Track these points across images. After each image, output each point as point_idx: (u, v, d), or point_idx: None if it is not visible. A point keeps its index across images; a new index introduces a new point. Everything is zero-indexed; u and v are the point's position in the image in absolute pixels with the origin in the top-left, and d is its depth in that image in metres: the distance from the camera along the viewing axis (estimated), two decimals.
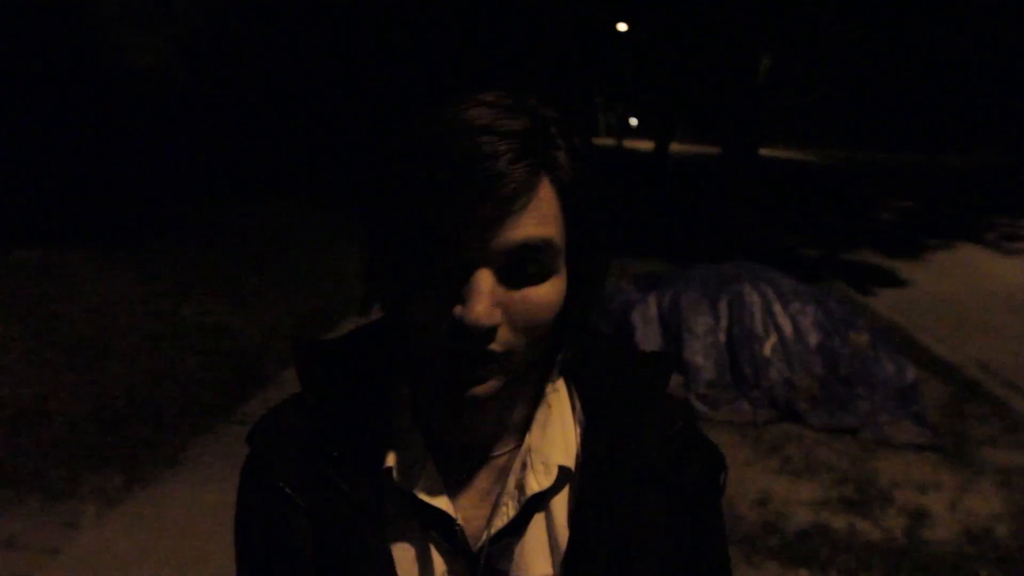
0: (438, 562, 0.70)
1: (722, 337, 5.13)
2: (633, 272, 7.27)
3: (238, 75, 8.76)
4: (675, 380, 4.95)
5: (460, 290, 0.60)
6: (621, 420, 0.73)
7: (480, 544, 0.70)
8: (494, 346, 0.61)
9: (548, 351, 0.71)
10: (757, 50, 11.56)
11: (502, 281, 0.61)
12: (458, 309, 0.59)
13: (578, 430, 0.74)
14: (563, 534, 0.71)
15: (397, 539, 0.70)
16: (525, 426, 0.72)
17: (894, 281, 9.73)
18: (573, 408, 0.75)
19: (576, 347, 0.74)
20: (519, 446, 0.72)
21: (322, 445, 0.70)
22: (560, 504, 0.72)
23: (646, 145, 26.87)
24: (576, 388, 0.75)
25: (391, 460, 0.70)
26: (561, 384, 0.75)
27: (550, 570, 0.71)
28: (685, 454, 0.75)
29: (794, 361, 5.01)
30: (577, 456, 0.72)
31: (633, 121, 48.83)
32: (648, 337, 5.31)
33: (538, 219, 0.60)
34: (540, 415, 0.72)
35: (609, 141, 38.02)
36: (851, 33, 12.10)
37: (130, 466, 3.73)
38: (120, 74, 6.90)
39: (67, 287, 5.88)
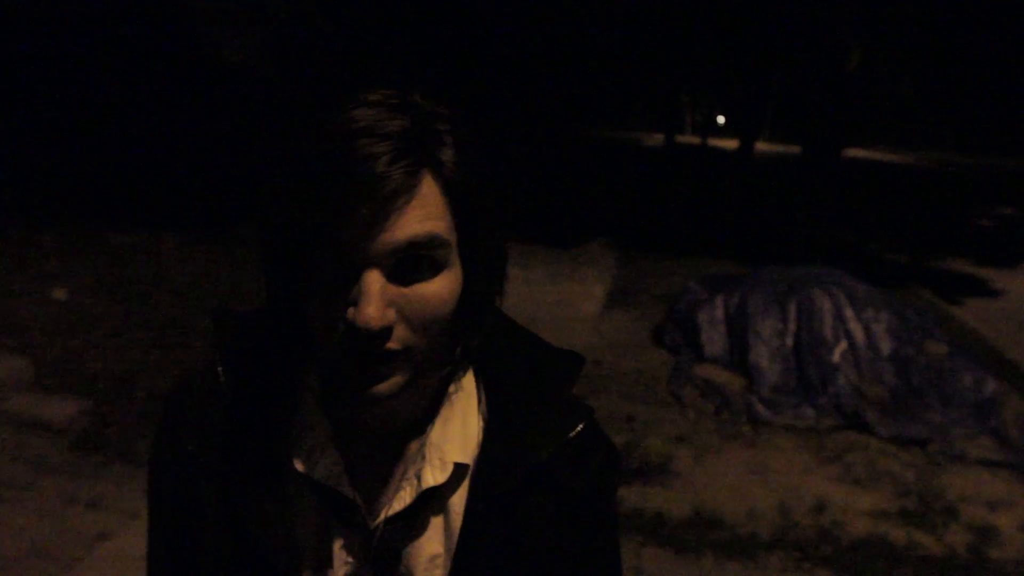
0: (337, 538, 0.73)
1: (789, 341, 5.05)
2: (703, 272, 7.18)
3: (322, 71, 9.08)
4: (739, 382, 4.90)
5: (351, 292, 0.60)
6: (521, 420, 0.73)
7: (377, 523, 0.72)
8: (391, 344, 0.62)
9: (453, 344, 0.71)
10: (846, 40, 11.12)
11: (393, 280, 0.61)
12: (350, 312, 0.60)
13: (480, 427, 0.74)
14: (458, 523, 0.73)
15: (297, 514, 0.73)
16: (429, 418, 0.73)
17: (986, 291, 9.28)
18: (479, 404, 0.75)
19: (476, 338, 0.72)
20: (422, 435, 0.73)
21: (231, 417, 0.72)
22: (458, 499, 0.73)
23: (732, 143, 26.30)
24: (483, 384, 0.76)
25: (295, 443, 0.72)
26: (469, 379, 0.76)
27: (442, 552, 0.73)
28: (582, 456, 0.75)
29: (864, 368, 4.88)
30: (476, 454, 0.73)
31: (720, 119, 47.81)
32: (713, 339, 5.27)
33: (422, 216, 0.60)
34: (443, 410, 0.73)
35: (694, 139, 37.37)
36: (949, 24, 11.53)
37: None
38: (214, 70, 7.27)
39: (157, 270, 6.24)
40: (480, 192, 0.66)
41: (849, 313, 5.14)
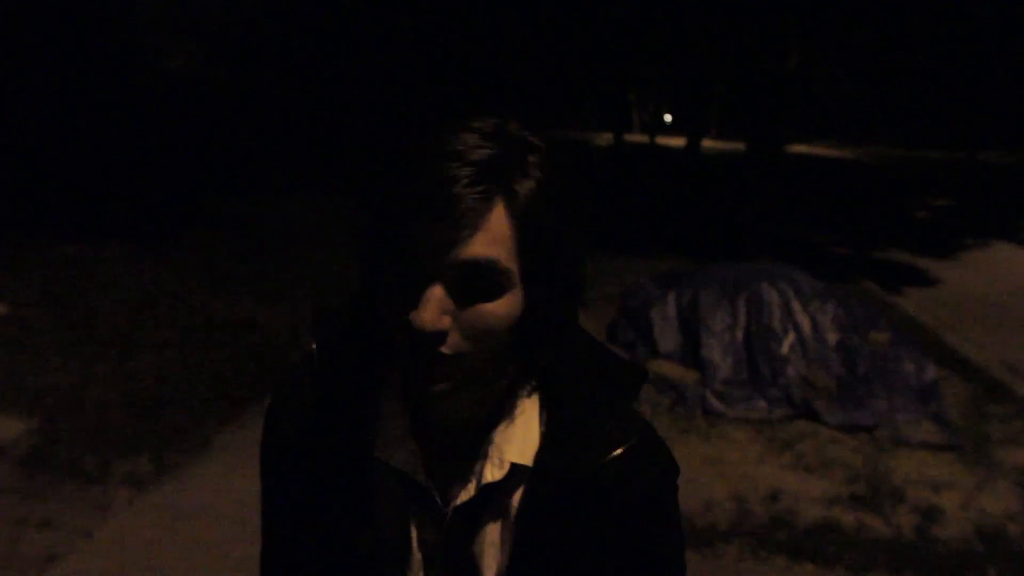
0: (414, 523, 0.81)
1: (739, 335, 5.16)
2: (654, 270, 7.30)
3: (267, 76, 8.97)
4: (692, 376, 5.00)
5: (416, 299, 0.67)
6: (577, 429, 0.78)
7: (447, 511, 0.80)
8: (444, 349, 0.68)
9: (516, 357, 0.76)
10: (786, 41, 11.41)
11: (453, 294, 0.67)
12: (413, 314, 0.66)
13: (541, 433, 0.79)
14: (515, 525, 0.79)
15: (380, 500, 0.81)
16: (495, 419, 0.78)
17: (924, 280, 9.62)
18: (541, 412, 0.80)
19: (543, 359, 0.77)
20: (488, 436, 0.78)
21: (322, 404, 0.81)
22: (516, 498, 0.79)
23: (680, 142, 26.68)
24: (547, 393, 0.81)
25: (379, 432, 0.79)
26: (535, 387, 0.81)
27: (500, 551, 0.80)
28: (637, 467, 0.79)
29: (812, 359, 5.02)
30: (536, 457, 0.78)
31: (668, 117, 48.42)
32: (666, 334, 5.36)
33: (486, 241, 0.65)
34: (506, 414, 0.78)
35: (643, 138, 37.76)
36: (885, 24, 11.90)
37: (160, 453, 3.88)
38: (153, 75, 7.12)
39: (103, 281, 6.09)
40: (553, 225, 0.69)
41: (796, 306, 5.28)
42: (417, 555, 0.81)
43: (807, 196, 17.40)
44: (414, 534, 0.81)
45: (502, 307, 0.68)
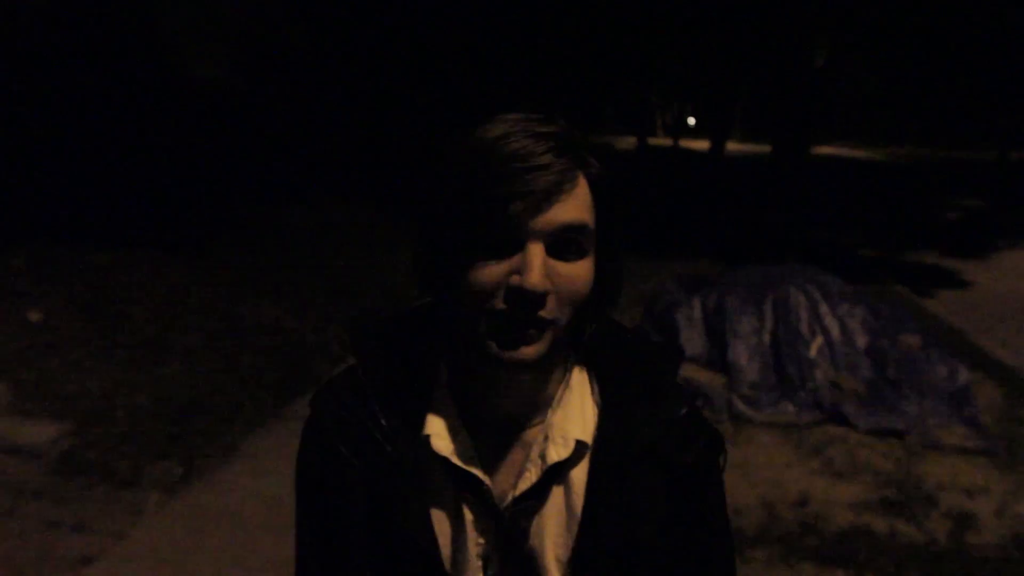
0: (469, 518, 0.81)
1: (767, 338, 5.11)
2: (679, 273, 7.25)
3: (294, 82, 9.06)
4: (718, 380, 4.96)
5: (515, 262, 0.70)
6: (633, 404, 0.82)
7: (505, 505, 0.80)
8: (543, 313, 0.71)
9: (577, 331, 0.81)
10: (812, 38, 11.29)
11: (550, 255, 0.71)
12: (515, 278, 0.70)
13: (596, 411, 0.83)
14: (579, 501, 0.81)
15: (434, 497, 0.81)
16: (548, 405, 0.82)
17: (956, 282, 9.46)
18: (592, 391, 0.84)
19: (599, 325, 0.83)
20: (542, 422, 0.82)
21: (372, 412, 0.81)
22: (579, 475, 0.81)
23: (703, 144, 26.53)
24: (595, 374, 0.85)
25: (430, 428, 0.80)
26: (582, 370, 0.85)
27: (564, 531, 0.81)
28: (688, 437, 0.83)
29: (841, 363, 4.96)
30: (594, 434, 0.82)
31: (691, 120, 48.16)
32: (692, 339, 5.33)
33: (577, 205, 0.72)
34: (563, 395, 0.82)
35: (666, 141, 37.60)
36: (913, 21, 11.74)
37: (190, 457, 3.93)
38: (182, 82, 7.22)
39: (132, 287, 6.17)
40: (617, 195, 0.77)
41: (824, 309, 5.23)
42: (474, 550, 0.81)
43: (834, 198, 17.21)
44: (470, 531, 0.81)
45: (587, 269, 0.74)
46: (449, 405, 0.81)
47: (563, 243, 0.72)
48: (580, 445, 0.80)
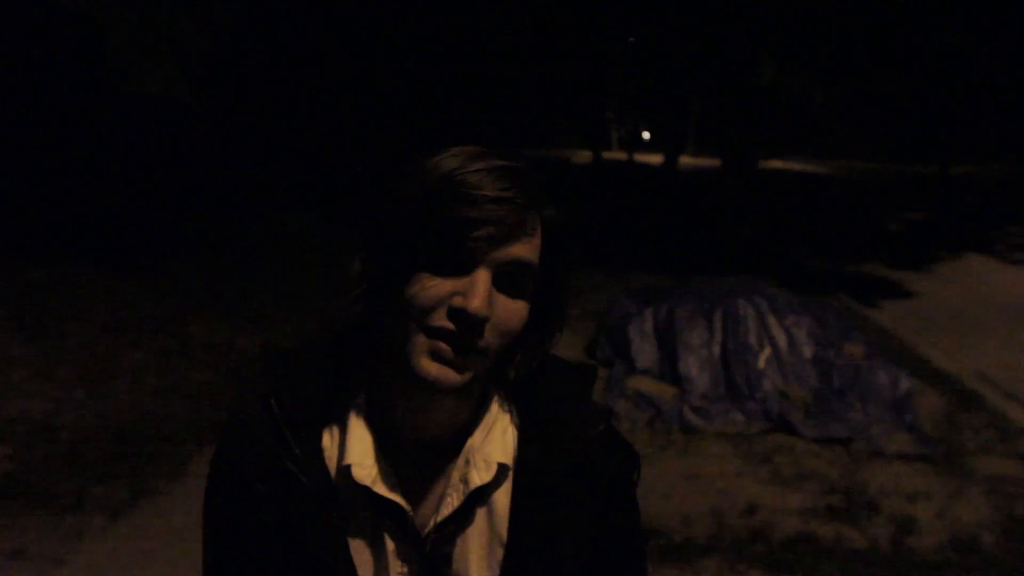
0: (390, 547, 0.81)
1: (716, 350, 5.20)
2: (633, 286, 7.34)
3: (245, 98, 8.97)
4: (670, 392, 5.02)
5: (460, 284, 0.71)
6: (552, 425, 0.83)
7: (427, 531, 0.80)
8: (479, 341, 0.72)
9: (501, 363, 0.82)
10: (759, 54, 11.56)
11: (494, 285, 0.73)
12: (459, 299, 0.70)
13: (515, 433, 0.84)
14: (502, 524, 0.81)
15: (353, 527, 0.80)
16: (467, 429, 0.82)
17: (899, 292, 9.74)
18: (511, 414, 0.85)
19: (533, 361, 0.83)
20: (462, 446, 0.81)
21: (285, 442, 0.79)
22: (501, 498, 0.82)
23: (658, 159, 26.92)
24: (512, 396, 0.86)
25: (349, 457, 0.79)
26: (502, 393, 0.86)
27: (488, 555, 0.82)
28: (606, 453, 0.85)
29: (788, 373, 5.07)
30: (514, 456, 0.82)
31: (646, 135, 48.83)
32: (644, 351, 5.39)
33: (531, 245, 0.74)
34: (485, 419, 0.82)
35: (621, 155, 37.98)
36: (858, 38, 12.08)
37: (136, 479, 3.84)
38: (129, 98, 7.09)
39: (77, 305, 6.03)
40: (568, 241, 0.79)
41: (772, 320, 5.34)
42: None
43: (783, 211, 17.59)
44: (392, 561, 0.80)
45: (523, 310, 0.75)
46: (367, 432, 0.80)
47: (508, 277, 0.73)
48: (502, 468, 0.81)
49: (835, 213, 18.98)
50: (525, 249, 0.73)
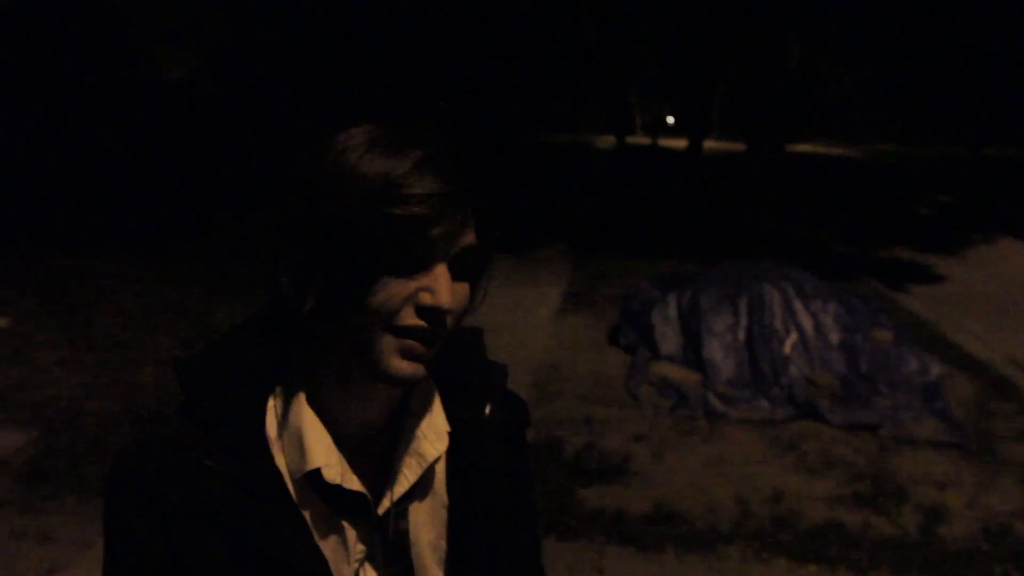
0: (350, 534, 0.79)
1: (741, 336, 5.13)
2: (657, 271, 7.27)
3: (266, 84, 8.97)
4: (694, 378, 4.97)
5: (423, 280, 0.70)
6: (464, 388, 0.87)
7: (385, 511, 0.80)
8: (444, 332, 0.73)
9: None
10: (785, 38, 11.37)
11: (452, 275, 0.72)
12: (425, 296, 0.70)
13: (437, 399, 0.86)
14: (442, 487, 0.84)
15: (315, 522, 0.77)
16: (405, 404, 0.83)
17: (929, 277, 9.56)
18: (432, 383, 0.88)
19: (455, 336, 0.82)
20: (403, 421, 0.82)
21: (220, 452, 0.73)
22: (441, 469, 0.85)
23: (682, 143, 26.65)
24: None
25: (315, 459, 0.75)
26: None
27: (434, 519, 0.84)
28: (510, 405, 0.91)
29: (814, 358, 4.99)
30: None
31: (670, 119, 48.45)
32: (667, 337, 5.34)
33: (472, 229, 0.74)
34: (422, 393, 0.85)
35: (645, 140, 37.74)
36: (886, 19, 11.84)
37: None
38: (152, 86, 7.13)
39: (103, 293, 6.09)
40: (492, 219, 0.78)
41: (798, 305, 5.25)
42: (354, 564, 0.79)
43: (810, 195, 17.34)
44: (352, 547, 0.79)
45: (467, 288, 0.75)
46: (321, 428, 0.77)
47: (459, 264, 0.73)
48: (448, 436, 0.83)
49: (863, 197, 18.67)
50: (471, 235, 0.74)
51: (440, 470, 0.85)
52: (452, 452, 0.85)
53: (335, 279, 0.72)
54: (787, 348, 5.02)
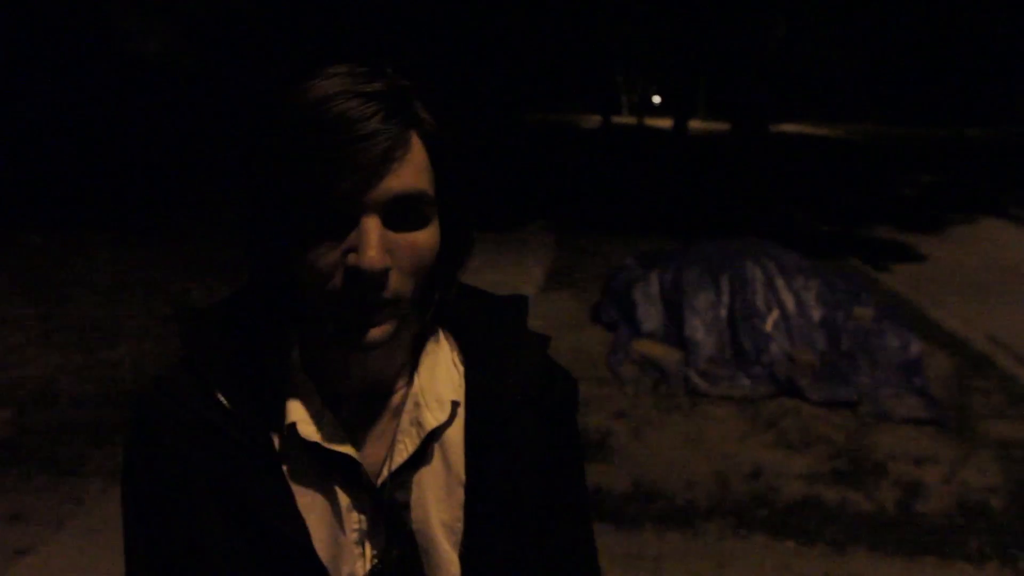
0: (344, 502, 0.75)
1: (723, 313, 5.12)
2: (641, 249, 7.25)
3: (244, 58, 8.80)
4: (675, 355, 4.96)
5: (351, 240, 0.65)
6: (494, 358, 0.81)
7: (382, 480, 0.75)
8: (385, 293, 0.66)
9: (425, 299, 0.76)
10: (770, 15, 11.31)
11: (388, 227, 0.66)
12: (352, 257, 0.64)
13: (460, 370, 0.81)
14: (458, 463, 0.78)
15: (301, 483, 0.74)
16: (411, 369, 0.78)
17: (910, 256, 9.61)
18: (454, 351, 0.82)
19: (451, 290, 0.79)
20: (406, 388, 0.78)
21: (218, 405, 0.74)
22: (454, 436, 0.78)
23: (669, 123, 26.59)
24: (452, 334, 0.83)
25: (291, 414, 0.73)
26: (440, 332, 0.82)
27: (447, 496, 0.77)
28: (548, 380, 0.84)
29: (796, 336, 4.99)
30: (463, 392, 0.79)
31: (656, 99, 48.34)
32: (649, 314, 5.32)
33: (413, 171, 0.66)
34: (426, 358, 0.79)
35: (631, 120, 37.65)
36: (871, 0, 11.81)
37: None
38: (127, 60, 6.97)
39: (77, 270, 6.00)
40: (456, 153, 0.72)
41: (780, 283, 5.25)
42: (352, 534, 0.75)
43: (794, 175, 17.35)
44: (346, 515, 0.75)
45: (430, 237, 0.69)
46: (306, 383, 0.75)
47: (401, 213, 0.66)
48: (454, 406, 0.77)
49: (847, 176, 18.72)
50: (409, 178, 0.66)
51: (456, 443, 0.79)
52: (474, 426, 0.79)
53: (268, 239, 0.69)
54: (768, 325, 5.01)
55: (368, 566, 0.76)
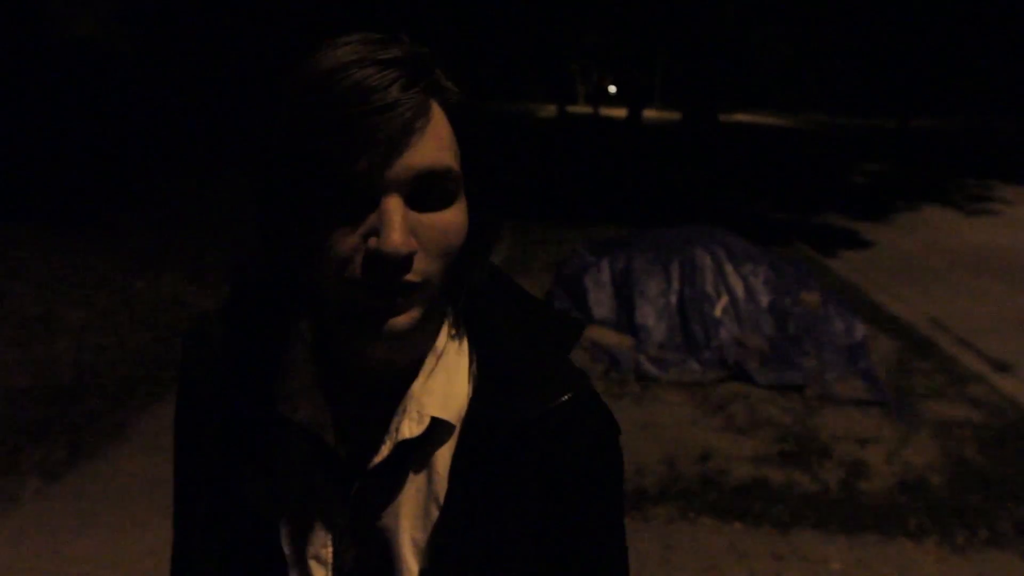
0: (321, 488, 0.73)
1: (673, 299, 5.16)
2: (594, 238, 7.27)
3: (183, 43, 8.55)
4: (626, 342, 4.99)
5: (371, 222, 0.59)
6: (511, 381, 0.72)
7: (358, 478, 0.72)
8: (411, 276, 0.61)
9: (459, 282, 0.70)
10: (722, 7, 11.44)
11: (411, 207, 0.61)
12: (373, 241, 0.59)
13: (470, 387, 0.73)
14: (442, 484, 0.71)
15: (284, 461, 0.73)
16: (414, 374, 0.72)
17: (857, 242, 9.82)
18: (471, 364, 0.74)
19: (480, 274, 0.72)
20: (407, 389, 0.71)
21: (226, 361, 0.75)
22: (444, 456, 0.72)
23: (624, 112, 26.72)
24: (475, 344, 0.74)
25: (284, 389, 0.72)
26: (462, 339, 0.75)
27: (423, 514, 0.72)
28: (573, 423, 0.73)
29: (744, 321, 5.05)
30: (464, 412, 0.72)
31: (612, 88, 48.58)
32: (600, 301, 5.33)
33: (437, 144, 0.61)
34: (427, 364, 0.72)
35: (587, 109, 37.76)
36: None
37: (74, 440, 3.70)
38: (58, 44, 6.71)
39: (13, 262, 5.79)
40: (481, 125, 0.66)
41: (729, 269, 5.31)
42: (322, 524, 0.73)
43: (745, 163, 17.60)
44: (322, 502, 0.73)
45: (458, 216, 0.63)
46: (306, 363, 0.72)
47: (424, 191, 0.61)
48: (437, 423, 0.70)
49: (797, 165, 19.05)
50: (433, 153, 0.60)
51: (442, 463, 0.72)
52: (465, 451, 0.71)
53: (282, 224, 0.64)
54: (718, 311, 5.07)
55: (331, 558, 0.74)
